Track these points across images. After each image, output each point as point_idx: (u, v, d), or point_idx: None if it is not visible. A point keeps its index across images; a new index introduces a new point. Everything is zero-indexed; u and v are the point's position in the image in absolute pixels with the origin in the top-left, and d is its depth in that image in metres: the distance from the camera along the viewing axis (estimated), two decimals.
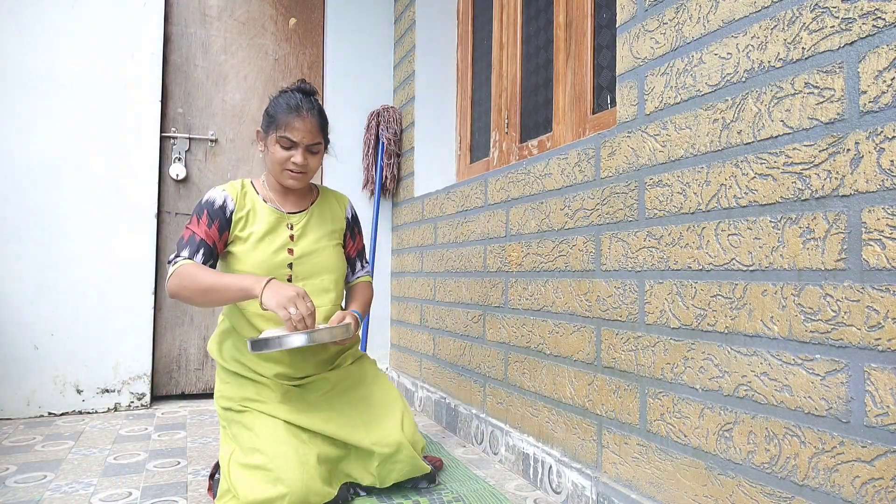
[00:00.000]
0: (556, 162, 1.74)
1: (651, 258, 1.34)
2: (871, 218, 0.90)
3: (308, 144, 1.65)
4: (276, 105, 1.67)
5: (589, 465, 1.53)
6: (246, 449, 1.51)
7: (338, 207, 1.85)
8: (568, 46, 1.98)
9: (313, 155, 1.68)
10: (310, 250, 1.71)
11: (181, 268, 1.52)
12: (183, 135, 2.90)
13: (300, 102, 1.65)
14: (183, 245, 1.59)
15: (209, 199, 1.64)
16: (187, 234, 1.60)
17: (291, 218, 1.72)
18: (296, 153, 1.64)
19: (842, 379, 0.93)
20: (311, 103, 1.67)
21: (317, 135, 1.67)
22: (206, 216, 1.62)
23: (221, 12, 3.01)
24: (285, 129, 1.62)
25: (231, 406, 1.62)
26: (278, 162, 1.65)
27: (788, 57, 1.04)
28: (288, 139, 1.63)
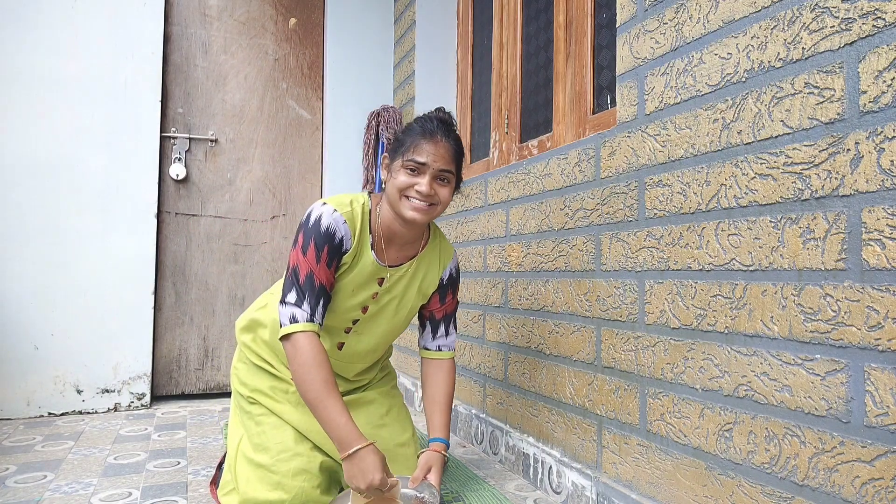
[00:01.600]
0: (556, 162, 1.74)
1: (651, 258, 1.34)
2: (871, 218, 0.89)
3: (438, 170, 1.43)
4: (407, 129, 1.49)
5: (589, 465, 1.53)
6: (253, 443, 1.50)
7: (437, 266, 1.62)
8: (568, 46, 1.98)
9: (442, 185, 1.45)
10: (385, 311, 1.56)
11: (300, 343, 1.34)
12: (183, 135, 2.90)
13: (434, 126, 1.46)
14: (301, 288, 1.38)
15: (329, 230, 1.41)
16: (305, 269, 1.39)
17: (388, 271, 1.53)
18: (422, 180, 1.42)
19: (842, 379, 0.93)
20: (449, 131, 1.48)
21: (449, 162, 1.45)
22: (326, 252, 1.40)
23: (221, 12, 3.02)
24: (414, 151, 1.43)
25: (241, 392, 1.60)
26: (400, 188, 1.43)
27: (788, 57, 1.04)
28: (415, 162, 1.42)
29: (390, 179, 1.47)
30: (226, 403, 2.81)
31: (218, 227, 2.96)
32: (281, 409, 1.55)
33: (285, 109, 3.12)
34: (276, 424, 1.53)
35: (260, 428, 1.53)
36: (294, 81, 3.14)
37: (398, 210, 1.45)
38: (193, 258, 2.91)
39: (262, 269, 3.03)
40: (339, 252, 1.43)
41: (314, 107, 3.18)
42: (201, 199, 2.93)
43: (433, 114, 1.52)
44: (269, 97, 3.09)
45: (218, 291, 2.94)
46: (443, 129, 1.47)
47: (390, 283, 1.53)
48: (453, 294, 1.66)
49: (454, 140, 1.49)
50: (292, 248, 1.44)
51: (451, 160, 1.46)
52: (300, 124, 3.15)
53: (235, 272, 2.98)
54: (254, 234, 3.03)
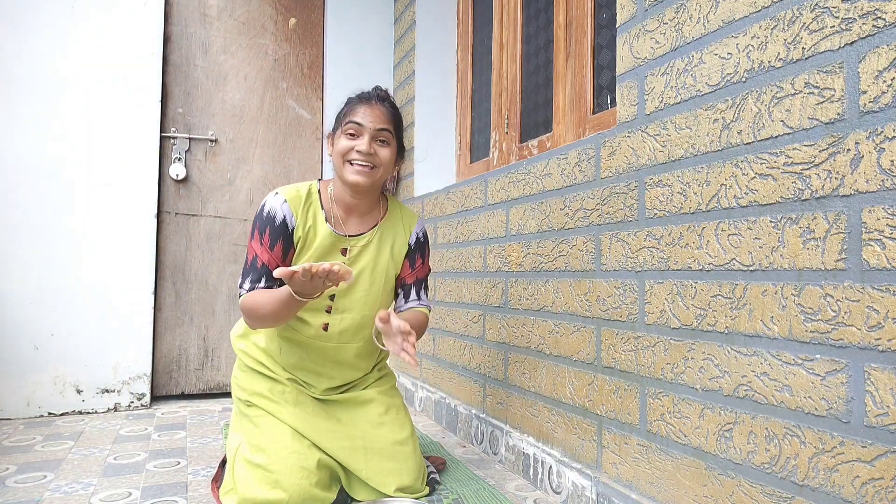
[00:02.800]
0: (556, 162, 1.74)
1: (651, 258, 1.34)
2: (871, 218, 0.89)
3: (376, 129, 1.50)
4: (346, 103, 1.57)
5: (589, 465, 1.53)
6: (251, 445, 1.52)
7: (402, 232, 1.68)
8: (568, 46, 1.98)
9: (382, 146, 1.52)
10: (356, 282, 1.59)
11: (243, 302, 1.46)
12: (183, 135, 2.90)
13: (371, 94, 1.55)
14: (247, 270, 1.50)
15: (270, 213, 1.51)
16: (251, 256, 1.51)
17: (349, 241, 1.58)
18: (360, 141, 1.49)
19: (842, 379, 0.93)
20: (384, 97, 1.56)
21: (387, 122, 1.53)
22: (268, 235, 1.49)
23: (221, 12, 3.01)
24: (350, 114, 1.51)
25: (240, 396, 1.63)
26: (342, 153, 1.51)
27: (788, 57, 1.04)
28: (353, 123, 1.49)
29: (334, 150, 1.54)
30: (226, 403, 2.81)
31: (218, 227, 2.96)
32: (278, 410, 1.57)
33: (285, 109, 3.12)
34: (273, 424, 1.55)
35: (258, 430, 1.54)
36: (294, 81, 3.14)
37: (344, 177, 1.52)
38: (193, 258, 2.91)
39: None
40: (282, 232, 1.50)
41: (314, 107, 3.18)
42: (201, 199, 2.93)
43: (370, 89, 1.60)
44: (268, 97, 3.09)
45: (218, 291, 2.94)
46: (377, 95, 1.55)
47: (355, 253, 1.59)
48: (422, 259, 1.71)
49: (390, 105, 1.56)
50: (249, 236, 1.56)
51: (388, 120, 1.53)
52: (300, 124, 3.15)
53: (235, 272, 2.98)
54: None
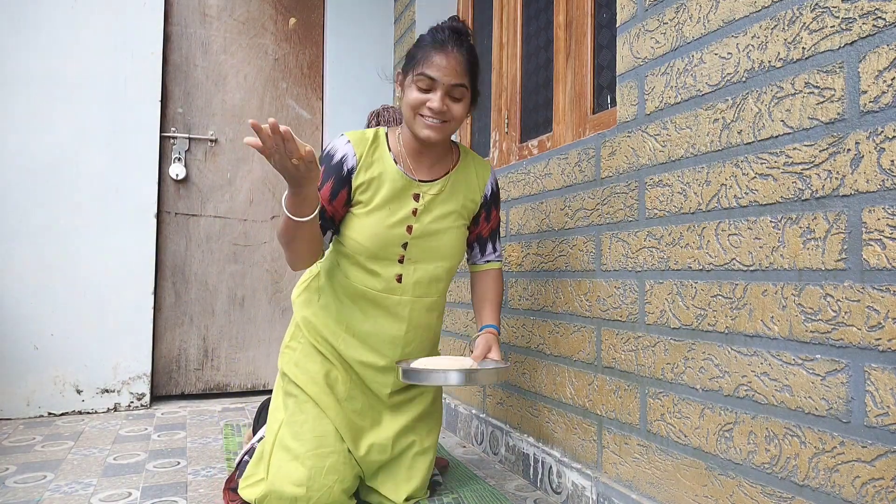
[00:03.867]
0: (556, 162, 1.74)
1: (651, 258, 1.34)
2: (872, 218, 0.89)
3: (450, 85, 1.38)
4: (419, 42, 1.42)
5: (589, 465, 1.53)
6: (293, 431, 1.45)
7: (476, 180, 1.59)
8: (568, 46, 1.98)
9: (455, 102, 1.41)
10: (431, 230, 1.50)
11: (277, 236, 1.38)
12: (183, 135, 2.90)
13: (447, 38, 1.38)
14: None
15: (329, 152, 1.43)
16: None
17: (421, 187, 1.48)
18: (433, 96, 1.38)
19: (842, 379, 0.93)
20: (461, 41, 1.40)
21: (462, 75, 1.39)
22: (324, 170, 1.40)
23: (221, 12, 3.01)
24: (424, 65, 1.37)
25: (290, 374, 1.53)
26: (412, 106, 1.40)
27: (789, 57, 1.04)
28: (426, 77, 1.37)
29: (403, 97, 1.43)
30: (226, 403, 2.81)
31: (218, 226, 2.96)
32: (327, 403, 1.49)
33: (285, 109, 3.12)
34: (319, 416, 1.47)
35: (303, 416, 1.47)
36: (294, 81, 3.14)
37: (413, 129, 1.43)
38: (193, 258, 2.91)
39: (262, 269, 3.03)
40: (336, 171, 1.42)
41: (314, 106, 3.18)
42: (201, 199, 2.93)
43: (445, 23, 1.44)
44: (268, 97, 3.09)
45: (218, 291, 2.94)
46: (454, 38, 1.39)
47: (427, 200, 1.49)
48: (497, 208, 1.65)
49: (467, 50, 1.41)
50: None
51: (465, 73, 1.40)
52: (300, 124, 3.15)
53: (235, 272, 2.98)
54: (253, 234, 3.02)
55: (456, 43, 1.39)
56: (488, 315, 1.59)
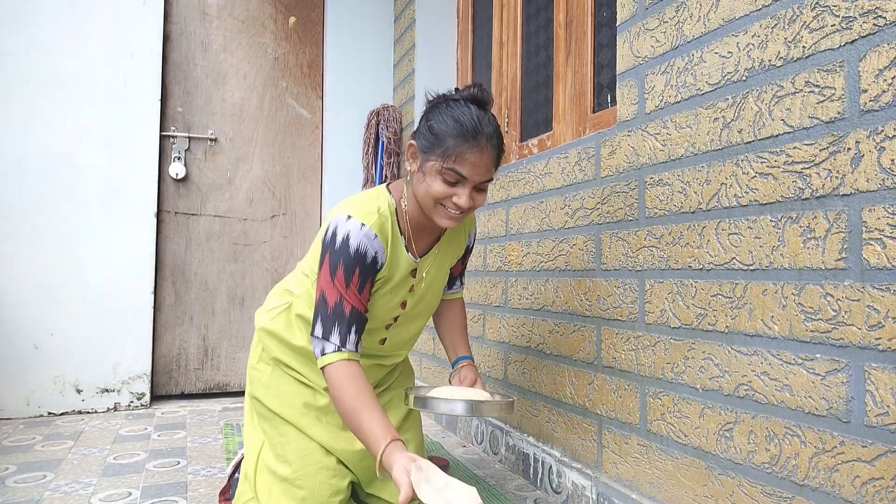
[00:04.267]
0: (556, 161, 1.74)
1: (651, 257, 1.34)
2: (872, 217, 0.89)
3: (479, 182, 1.29)
4: (443, 121, 1.29)
5: (589, 464, 1.53)
6: (275, 454, 1.43)
7: (462, 234, 1.57)
8: (568, 45, 1.98)
9: (480, 193, 1.32)
10: (422, 298, 1.49)
11: (333, 373, 1.24)
12: (182, 134, 2.90)
13: (479, 125, 1.26)
14: (331, 316, 1.26)
15: (360, 250, 1.28)
16: (333, 299, 1.26)
17: (420, 263, 1.44)
18: (461, 192, 1.28)
19: (842, 378, 0.93)
20: (492, 127, 1.29)
21: (491, 169, 1.30)
22: (358, 275, 1.27)
23: (221, 11, 3.01)
24: (455, 159, 1.25)
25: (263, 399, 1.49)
26: (436, 197, 1.29)
27: (789, 55, 1.03)
28: (455, 173, 1.26)
29: (423, 181, 1.30)
30: (226, 403, 2.81)
31: (217, 226, 2.96)
32: (308, 426, 1.46)
33: (285, 108, 3.12)
34: (299, 435, 1.45)
35: (283, 438, 1.44)
36: (294, 80, 3.14)
37: (430, 214, 1.33)
38: (193, 257, 2.90)
39: (262, 268, 3.03)
40: (373, 271, 1.31)
41: (314, 105, 3.18)
42: (201, 199, 2.93)
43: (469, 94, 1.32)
44: (268, 96, 3.08)
45: (217, 291, 2.94)
46: (487, 126, 1.28)
47: (423, 273, 1.45)
48: (470, 252, 1.64)
49: (497, 139, 1.30)
50: (319, 270, 1.30)
51: (493, 165, 1.30)
52: (300, 123, 3.15)
53: (235, 271, 2.98)
54: (253, 234, 3.02)
55: (489, 136, 1.28)
56: (462, 347, 1.60)
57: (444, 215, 1.32)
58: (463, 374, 1.51)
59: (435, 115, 1.32)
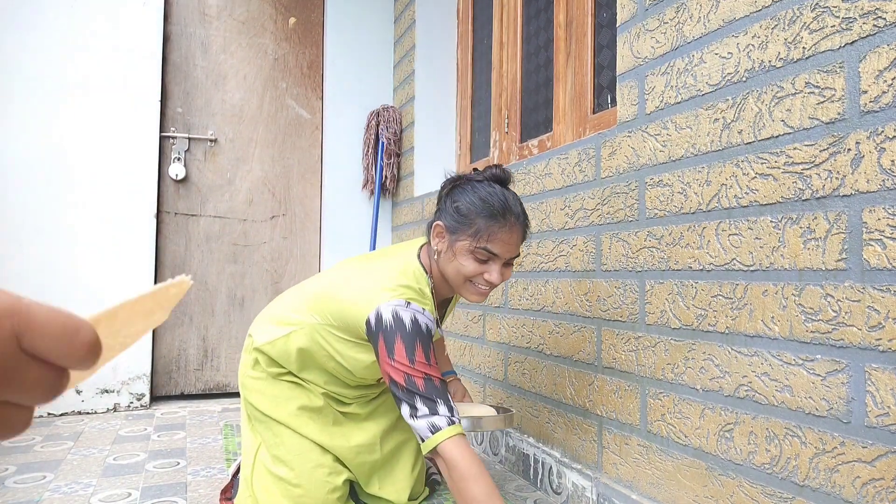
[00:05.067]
0: (556, 162, 1.74)
1: (652, 258, 1.34)
2: (872, 218, 0.89)
3: (509, 259, 1.34)
4: (471, 202, 1.32)
5: (589, 465, 1.53)
6: (272, 455, 1.45)
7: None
8: (568, 46, 1.98)
9: (508, 268, 1.36)
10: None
11: (456, 450, 1.19)
12: (182, 134, 2.90)
13: (506, 204, 1.31)
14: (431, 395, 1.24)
15: (426, 328, 1.30)
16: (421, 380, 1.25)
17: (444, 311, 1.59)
18: (493, 269, 1.32)
19: (842, 379, 0.93)
20: (519, 205, 1.35)
21: (519, 246, 1.35)
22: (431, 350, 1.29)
23: (221, 12, 3.01)
24: (488, 239, 1.29)
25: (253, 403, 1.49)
26: (467, 276, 1.33)
27: (789, 56, 1.03)
28: (487, 251, 1.30)
29: (452, 259, 1.34)
30: (225, 403, 2.81)
31: (217, 227, 2.96)
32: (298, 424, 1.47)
33: (285, 109, 3.12)
34: (292, 435, 1.47)
35: (277, 439, 1.46)
36: (293, 81, 3.14)
37: (459, 290, 1.38)
38: (193, 258, 2.90)
39: (262, 268, 3.03)
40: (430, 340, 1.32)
41: (314, 106, 3.18)
42: (200, 199, 2.93)
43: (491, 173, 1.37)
44: (268, 97, 3.08)
45: (217, 291, 2.94)
46: (516, 208, 1.33)
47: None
48: None
49: (524, 217, 1.36)
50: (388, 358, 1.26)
51: (521, 241, 1.36)
52: (300, 124, 3.15)
53: (235, 272, 2.98)
54: (253, 234, 3.02)
55: (517, 215, 1.33)
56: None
57: (473, 291, 1.36)
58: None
59: (460, 195, 1.35)
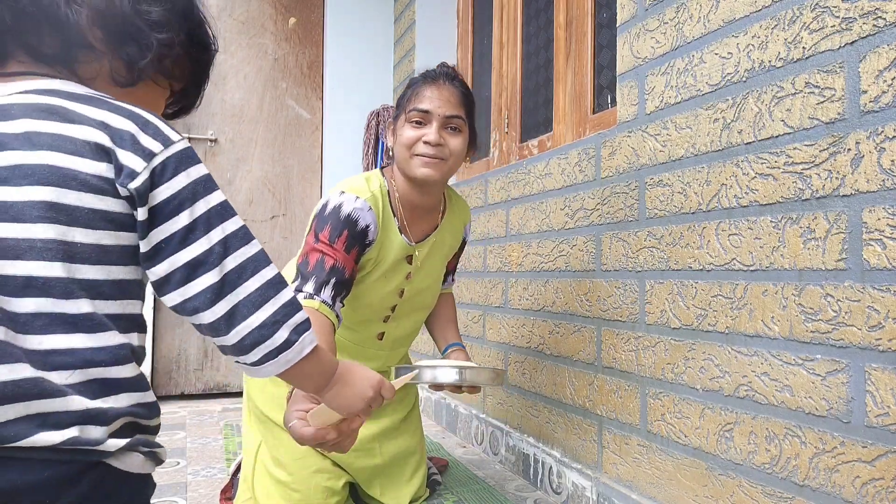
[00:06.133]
0: (556, 162, 1.74)
1: (652, 258, 1.34)
2: (872, 218, 0.89)
3: (445, 116, 1.30)
4: (407, 84, 1.38)
5: (589, 465, 1.53)
6: (272, 457, 1.43)
7: (459, 225, 1.57)
8: (568, 46, 1.98)
9: (452, 134, 1.32)
10: (420, 289, 1.47)
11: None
12: (182, 135, 2.90)
13: (438, 74, 1.35)
14: (310, 272, 1.20)
15: (352, 217, 1.25)
16: (314, 256, 1.21)
17: (415, 249, 1.42)
18: (428, 130, 1.29)
19: (842, 379, 0.93)
20: (453, 76, 1.36)
21: (457, 107, 1.32)
22: (345, 238, 1.23)
23: (221, 12, 3.01)
24: (416, 100, 1.31)
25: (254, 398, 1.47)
26: (407, 145, 1.31)
27: (789, 56, 1.03)
28: (418, 111, 1.29)
29: (397, 141, 1.35)
30: (225, 403, 2.81)
31: None
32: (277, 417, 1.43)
33: (285, 109, 3.12)
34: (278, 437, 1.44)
35: (277, 441, 1.43)
36: (294, 81, 3.14)
37: (409, 172, 1.33)
38: None
39: None
40: (362, 240, 1.27)
41: (314, 106, 3.18)
42: None
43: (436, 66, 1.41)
44: (268, 97, 3.09)
45: None
46: (445, 73, 1.35)
47: (420, 260, 1.42)
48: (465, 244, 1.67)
49: (461, 84, 1.36)
50: (305, 238, 1.27)
51: (460, 104, 1.33)
52: (300, 124, 3.15)
53: None
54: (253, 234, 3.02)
55: (447, 77, 1.35)
56: (453, 335, 1.61)
57: (418, 164, 1.31)
58: (453, 357, 1.50)
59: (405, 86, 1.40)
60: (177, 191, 0.62)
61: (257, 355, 0.64)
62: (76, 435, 0.54)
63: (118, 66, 0.67)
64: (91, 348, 0.58)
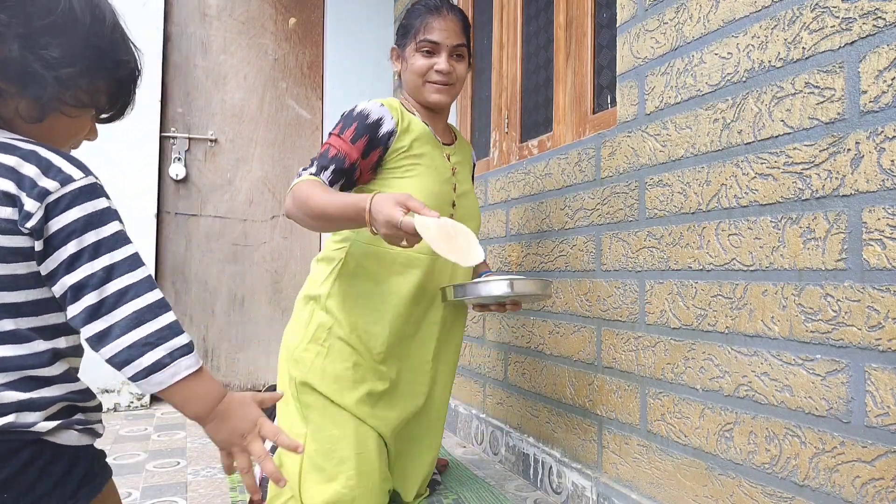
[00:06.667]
0: (556, 162, 1.74)
1: (651, 258, 1.34)
2: (872, 218, 0.89)
3: (453, 46, 1.46)
4: (409, 13, 1.49)
5: (589, 465, 1.53)
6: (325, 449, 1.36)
7: (467, 149, 1.66)
8: (568, 46, 1.98)
9: (459, 61, 1.48)
10: (464, 190, 1.54)
11: (297, 186, 1.27)
12: (182, 135, 2.90)
13: (441, 3, 1.46)
14: (317, 157, 1.35)
15: (363, 111, 1.38)
16: (324, 147, 1.36)
17: (447, 149, 1.52)
18: (439, 59, 1.45)
19: (842, 379, 0.93)
20: (452, 5, 1.48)
21: (460, 35, 1.48)
22: (353, 129, 1.36)
23: (221, 12, 3.01)
24: (425, 31, 1.44)
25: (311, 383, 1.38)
26: (420, 73, 1.45)
27: (789, 56, 1.03)
28: (428, 41, 1.43)
29: (407, 68, 1.48)
30: None
31: (217, 227, 2.96)
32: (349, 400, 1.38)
33: (285, 109, 3.12)
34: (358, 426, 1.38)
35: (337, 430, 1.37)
36: (294, 81, 3.14)
37: (422, 97, 1.48)
38: (193, 258, 2.90)
39: (262, 269, 3.03)
40: (373, 131, 1.37)
41: (314, 106, 3.18)
42: (201, 199, 2.93)
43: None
44: (268, 97, 3.09)
45: (217, 292, 2.94)
46: (446, 3, 1.47)
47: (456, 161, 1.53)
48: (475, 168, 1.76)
49: (459, 12, 1.50)
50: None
51: (462, 33, 1.48)
52: (300, 124, 3.15)
53: (235, 272, 2.98)
54: (253, 234, 3.02)
55: (448, 7, 1.47)
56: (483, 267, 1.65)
57: (431, 90, 1.47)
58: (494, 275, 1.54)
59: (404, 15, 1.52)
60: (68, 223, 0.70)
61: (128, 373, 0.74)
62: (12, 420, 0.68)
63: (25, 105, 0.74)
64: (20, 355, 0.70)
